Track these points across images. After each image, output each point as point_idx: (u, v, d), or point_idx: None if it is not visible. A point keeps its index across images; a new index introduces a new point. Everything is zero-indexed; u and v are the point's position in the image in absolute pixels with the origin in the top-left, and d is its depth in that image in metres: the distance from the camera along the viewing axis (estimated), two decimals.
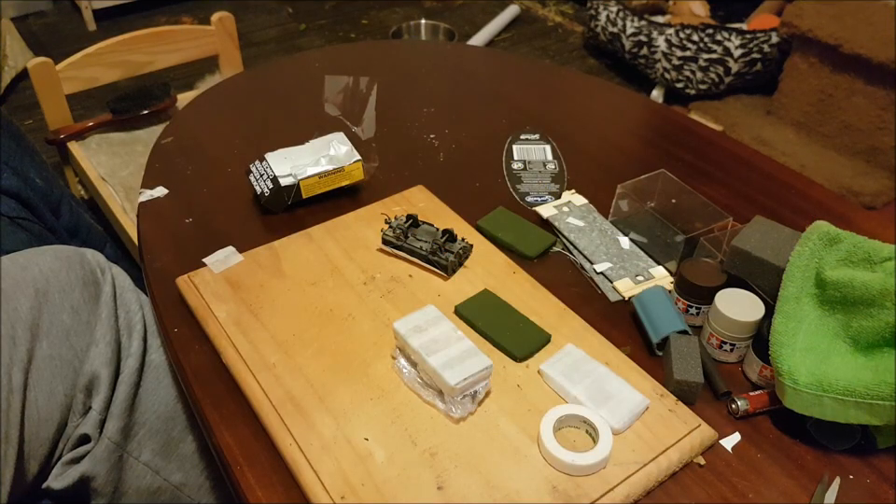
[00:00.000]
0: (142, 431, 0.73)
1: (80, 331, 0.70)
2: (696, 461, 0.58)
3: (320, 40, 2.53)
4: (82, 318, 0.70)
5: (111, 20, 2.53)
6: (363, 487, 0.54)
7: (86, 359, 0.69)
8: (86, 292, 0.71)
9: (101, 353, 0.70)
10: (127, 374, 0.72)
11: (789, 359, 0.58)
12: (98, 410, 0.69)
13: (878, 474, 0.58)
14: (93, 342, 0.70)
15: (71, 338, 0.69)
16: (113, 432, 0.70)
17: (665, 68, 2.12)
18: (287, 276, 0.71)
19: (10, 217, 0.95)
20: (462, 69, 1.14)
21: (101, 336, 0.70)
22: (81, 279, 0.72)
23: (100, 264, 0.75)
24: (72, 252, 0.74)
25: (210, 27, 1.62)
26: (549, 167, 0.91)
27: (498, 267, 0.74)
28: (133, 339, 0.73)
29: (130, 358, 0.72)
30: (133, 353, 0.73)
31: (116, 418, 0.70)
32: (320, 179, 0.81)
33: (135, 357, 0.73)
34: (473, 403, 0.59)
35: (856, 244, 0.61)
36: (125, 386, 0.71)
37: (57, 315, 0.69)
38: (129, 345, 0.73)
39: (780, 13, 2.07)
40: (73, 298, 0.70)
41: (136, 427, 0.73)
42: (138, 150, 1.51)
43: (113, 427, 0.70)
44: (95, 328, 0.71)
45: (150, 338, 0.76)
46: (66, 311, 0.69)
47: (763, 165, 0.93)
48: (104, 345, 0.70)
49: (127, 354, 0.73)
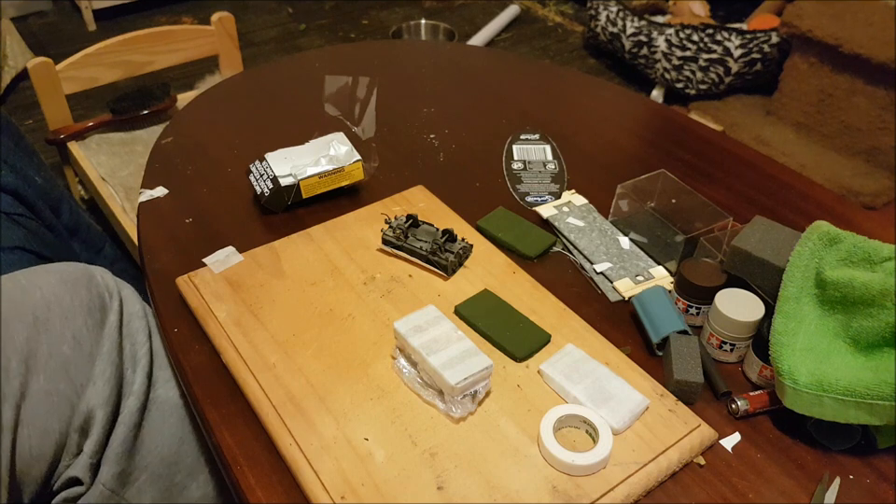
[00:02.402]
0: (142, 477, 0.68)
1: (81, 364, 0.65)
2: (696, 461, 0.58)
3: (320, 40, 2.53)
4: (84, 349, 0.65)
5: (111, 20, 2.53)
6: (363, 487, 0.54)
7: (83, 396, 0.64)
8: (90, 319, 0.67)
9: (98, 392, 0.65)
10: (126, 415, 0.67)
11: (789, 359, 0.58)
12: (89, 454, 0.64)
13: (878, 474, 0.58)
14: (92, 378, 0.65)
15: (70, 371, 0.64)
16: (108, 478, 0.65)
17: (665, 68, 2.12)
18: (286, 276, 0.71)
19: (8, 213, 0.95)
20: (462, 69, 1.14)
21: (100, 372, 0.65)
22: (86, 305, 0.67)
23: (108, 287, 0.70)
24: (80, 273, 0.69)
25: (210, 27, 1.62)
26: (549, 167, 0.91)
27: (498, 267, 0.74)
28: (136, 374, 0.68)
29: (131, 397, 0.67)
30: (136, 391, 0.68)
31: (112, 463, 0.65)
32: (320, 179, 0.81)
33: (137, 396, 0.67)
34: (473, 403, 0.59)
35: (856, 244, 0.61)
36: (124, 428, 0.66)
37: (57, 347, 0.64)
38: (132, 381, 0.68)
39: (780, 13, 2.07)
40: (75, 326, 0.65)
41: (136, 473, 0.67)
42: (138, 150, 1.51)
43: (108, 472, 0.65)
44: (96, 360, 0.66)
45: (158, 370, 0.70)
46: (67, 341, 0.64)
47: (763, 165, 0.93)
48: (101, 383, 0.65)
49: (129, 392, 0.68)
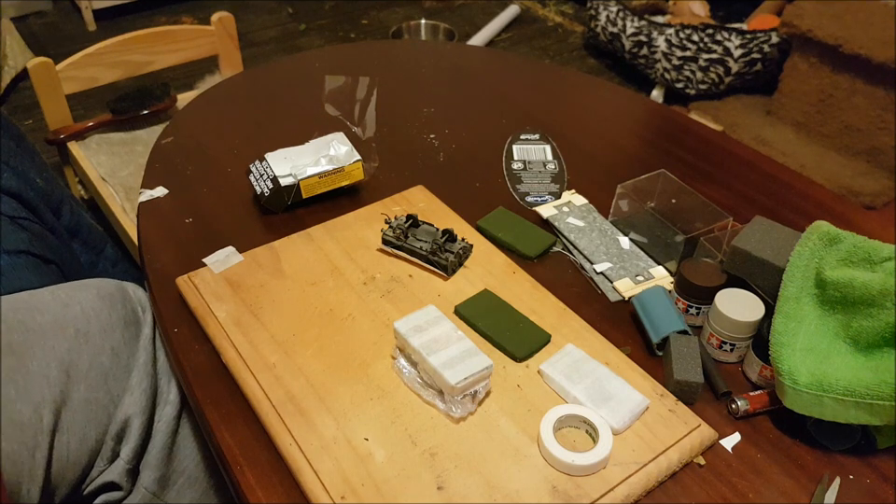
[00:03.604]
0: (181, 480, 0.71)
1: (118, 375, 0.68)
2: (696, 461, 0.58)
3: (320, 40, 2.53)
4: (121, 361, 0.69)
5: (111, 20, 2.53)
6: (363, 487, 0.54)
7: (120, 405, 0.68)
8: (127, 333, 0.70)
9: (135, 401, 0.68)
10: (164, 422, 0.70)
11: (789, 359, 0.58)
12: (126, 459, 0.68)
13: (878, 474, 0.58)
14: (129, 388, 0.68)
15: (109, 381, 0.67)
16: (150, 482, 0.69)
17: (665, 68, 2.12)
18: (286, 276, 0.71)
19: (10, 216, 0.95)
20: (462, 69, 1.14)
21: (137, 382, 0.69)
22: (123, 319, 0.70)
23: (141, 301, 0.74)
24: (115, 288, 0.72)
25: (210, 27, 1.62)
26: (549, 167, 0.91)
27: (498, 267, 0.74)
28: (171, 384, 0.72)
29: (168, 406, 0.71)
30: (172, 400, 0.71)
31: (153, 468, 0.69)
32: (320, 179, 0.81)
33: (174, 405, 0.71)
34: (473, 403, 0.59)
35: (856, 244, 0.61)
36: (162, 435, 0.70)
37: (97, 357, 0.67)
38: (167, 391, 0.71)
39: (780, 13, 2.07)
40: (114, 339, 0.69)
41: (175, 476, 0.71)
42: (138, 150, 1.51)
43: (149, 476, 0.69)
44: (132, 371, 0.69)
45: None
46: (106, 353, 0.68)
47: (763, 165, 0.93)
48: (139, 393, 0.68)
49: (165, 400, 0.71)
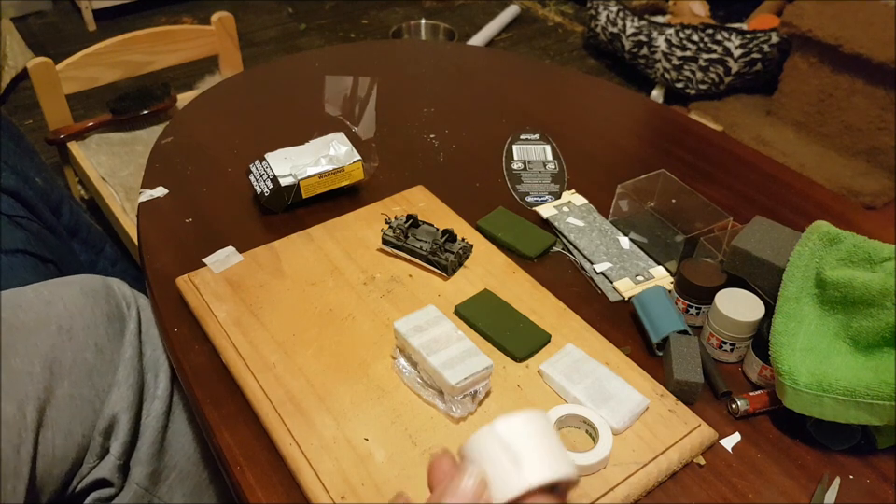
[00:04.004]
0: (172, 475, 0.71)
1: (103, 370, 0.68)
2: (696, 461, 0.58)
3: (320, 40, 2.53)
4: (106, 357, 0.68)
5: (111, 20, 2.53)
6: (363, 487, 0.54)
7: (107, 401, 0.67)
8: (111, 328, 0.70)
9: (122, 396, 0.68)
10: (153, 418, 0.70)
11: (789, 359, 0.58)
12: (116, 455, 0.67)
13: (878, 474, 0.58)
14: (115, 383, 0.68)
15: (93, 377, 0.67)
16: (141, 478, 0.68)
17: (665, 68, 2.12)
18: (286, 276, 0.71)
19: (9, 215, 0.95)
20: (462, 69, 1.14)
21: (123, 378, 0.68)
22: (106, 315, 0.70)
23: (126, 297, 0.73)
24: (99, 285, 0.72)
25: (210, 27, 1.62)
26: (549, 167, 0.91)
27: (498, 267, 0.74)
28: (159, 379, 0.71)
29: (156, 401, 0.70)
30: (160, 395, 0.71)
31: (144, 464, 0.69)
32: (320, 179, 0.81)
33: (162, 400, 0.71)
34: (473, 403, 0.59)
35: (856, 244, 0.61)
36: (151, 430, 0.70)
37: (81, 354, 0.67)
38: (155, 386, 0.71)
39: (780, 13, 2.07)
40: (97, 335, 0.68)
41: (166, 472, 0.71)
42: (138, 150, 1.51)
43: (141, 472, 0.69)
44: (118, 367, 0.69)
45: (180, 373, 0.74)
46: (90, 349, 0.67)
47: (763, 165, 0.93)
48: (125, 388, 0.68)
49: (153, 396, 0.71)
